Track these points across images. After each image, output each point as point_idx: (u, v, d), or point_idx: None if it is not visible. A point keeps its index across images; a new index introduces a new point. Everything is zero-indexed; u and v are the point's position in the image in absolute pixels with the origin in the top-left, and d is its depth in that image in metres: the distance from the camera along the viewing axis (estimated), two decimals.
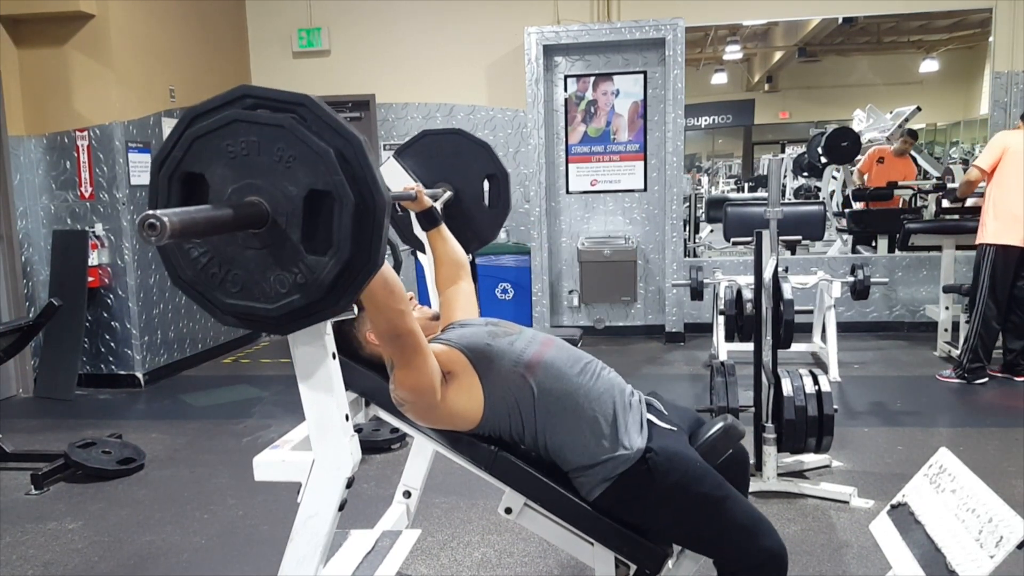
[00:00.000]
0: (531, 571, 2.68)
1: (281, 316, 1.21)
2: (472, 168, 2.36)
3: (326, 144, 1.14)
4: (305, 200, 1.15)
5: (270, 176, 1.16)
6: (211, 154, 1.18)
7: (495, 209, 2.37)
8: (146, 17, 5.39)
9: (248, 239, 1.18)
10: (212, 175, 1.19)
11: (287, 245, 1.17)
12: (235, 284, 1.21)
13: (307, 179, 1.14)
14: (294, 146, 1.15)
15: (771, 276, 3.10)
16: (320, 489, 1.58)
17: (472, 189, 2.36)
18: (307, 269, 1.17)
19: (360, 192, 1.14)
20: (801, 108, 9.94)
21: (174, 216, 1.01)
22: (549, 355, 1.73)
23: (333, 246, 1.15)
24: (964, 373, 4.69)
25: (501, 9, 6.42)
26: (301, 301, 1.19)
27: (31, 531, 3.10)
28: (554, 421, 1.67)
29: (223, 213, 1.11)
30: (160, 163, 1.22)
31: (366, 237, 1.15)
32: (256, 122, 1.16)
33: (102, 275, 5.14)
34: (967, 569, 1.48)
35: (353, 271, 1.16)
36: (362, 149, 1.15)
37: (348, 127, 1.17)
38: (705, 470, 1.69)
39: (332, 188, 1.14)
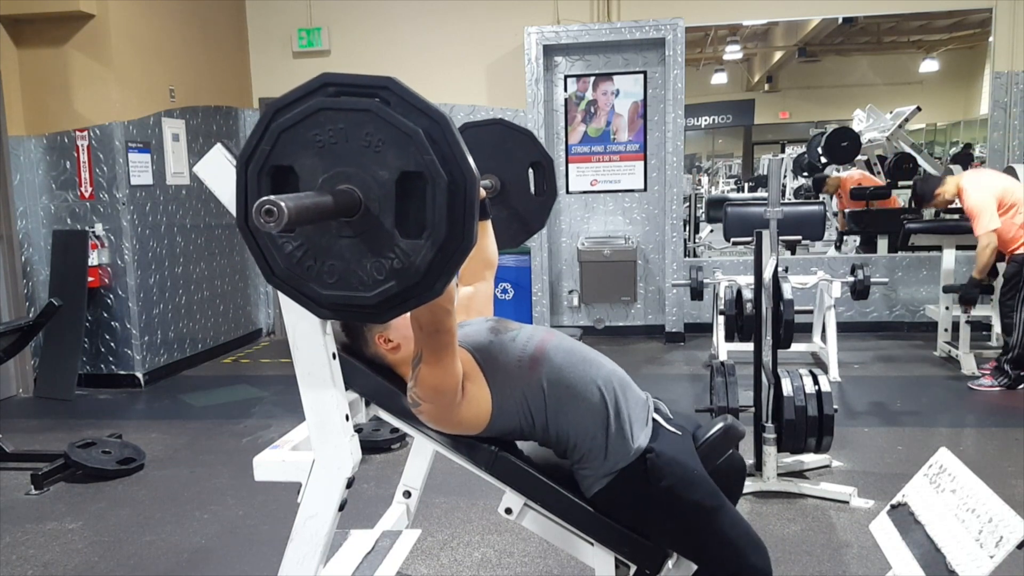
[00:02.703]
0: (531, 571, 2.68)
1: (379, 303, 1.19)
2: (516, 157, 2.35)
3: (414, 124, 1.13)
4: (396, 183, 1.14)
5: (360, 162, 1.14)
6: (299, 145, 1.17)
7: (542, 196, 2.36)
8: (146, 17, 5.39)
9: (341, 227, 1.16)
10: (301, 166, 1.18)
11: (381, 231, 1.15)
12: (331, 275, 1.19)
13: (398, 162, 1.13)
14: (382, 129, 1.13)
15: (771, 276, 3.11)
16: (320, 489, 1.58)
17: (518, 178, 2.35)
18: (403, 253, 1.15)
19: (450, 171, 1.13)
20: (801, 108, 9.95)
21: (289, 201, 1.00)
22: (552, 345, 1.72)
23: (428, 228, 1.13)
24: (1011, 381, 4.58)
25: (501, 9, 6.42)
26: (398, 286, 1.17)
27: (31, 531, 3.10)
28: (564, 410, 1.67)
29: (325, 199, 1.10)
30: (247, 158, 1.20)
31: (459, 216, 1.13)
32: (342, 108, 1.15)
33: (102, 275, 5.14)
34: (967, 569, 1.48)
35: (448, 252, 1.14)
36: (450, 127, 1.14)
37: (434, 106, 1.15)
38: (701, 478, 1.68)
39: (424, 168, 1.12)
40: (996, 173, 4.90)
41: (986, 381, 4.67)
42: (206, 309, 6.04)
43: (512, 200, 2.35)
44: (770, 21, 7.40)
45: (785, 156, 9.50)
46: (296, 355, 1.54)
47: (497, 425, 1.68)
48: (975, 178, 4.68)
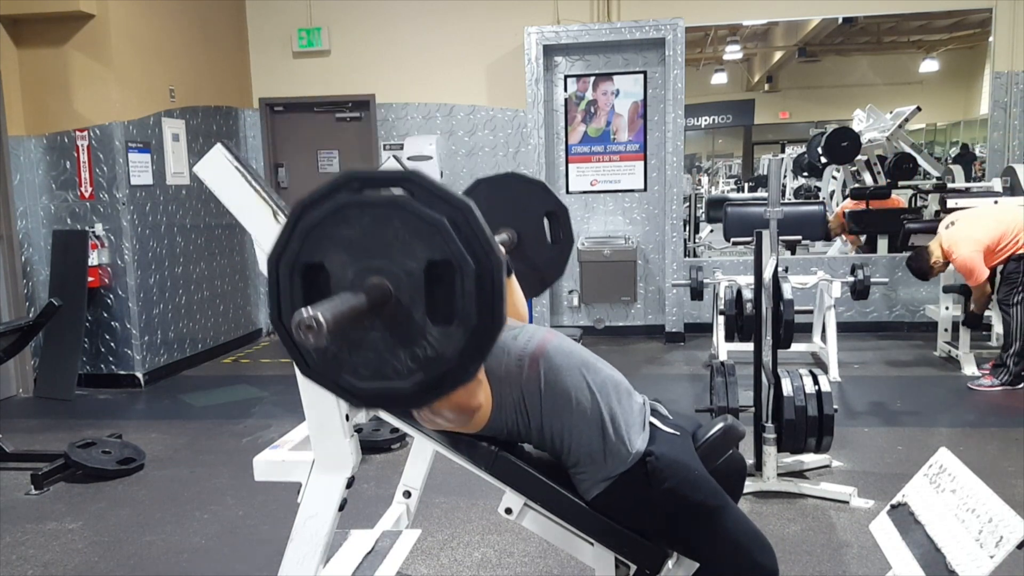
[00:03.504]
0: (531, 571, 2.68)
1: (415, 392, 1.20)
2: (531, 208, 2.37)
3: (439, 214, 1.15)
4: (425, 272, 1.16)
5: (388, 254, 1.16)
6: (328, 242, 1.19)
7: (559, 244, 2.38)
8: (146, 17, 5.39)
9: (373, 321, 1.18)
10: (331, 262, 1.19)
11: (413, 320, 1.17)
12: (366, 367, 1.20)
13: (425, 252, 1.15)
14: (408, 222, 1.15)
15: (771, 276, 3.11)
16: (320, 489, 1.58)
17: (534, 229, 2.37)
18: (435, 341, 1.17)
19: (477, 256, 1.15)
20: (801, 108, 9.93)
21: (326, 312, 1.01)
22: (553, 346, 1.72)
23: (458, 315, 1.15)
24: (1012, 378, 4.58)
25: (501, 9, 6.42)
26: (433, 374, 1.18)
27: (31, 531, 3.10)
28: (558, 413, 1.67)
29: (359, 301, 1.12)
30: (278, 257, 1.22)
31: (487, 300, 1.15)
32: (368, 204, 1.17)
33: (102, 275, 5.14)
34: (967, 569, 1.48)
35: (479, 336, 1.16)
36: (473, 214, 1.16)
37: (457, 195, 1.17)
38: (703, 478, 1.68)
39: (451, 257, 1.14)
40: (973, 213, 4.79)
41: (986, 381, 4.67)
42: (206, 309, 6.04)
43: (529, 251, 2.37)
44: (770, 21, 7.39)
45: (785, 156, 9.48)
46: None
47: (496, 424, 1.68)
48: (956, 233, 4.64)
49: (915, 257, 4.87)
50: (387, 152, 6.40)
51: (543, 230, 2.37)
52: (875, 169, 7.32)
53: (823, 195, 8.10)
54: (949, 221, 4.78)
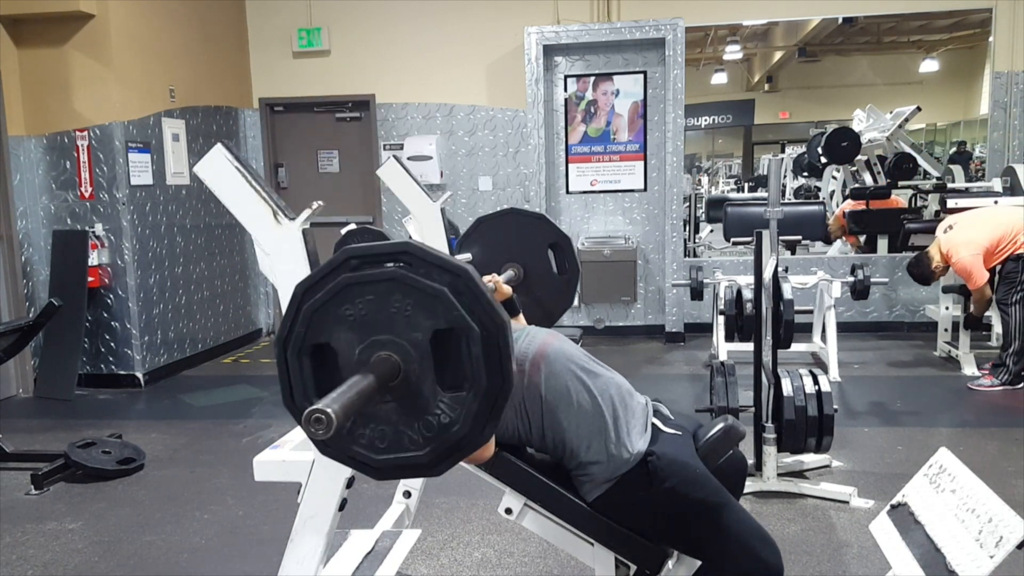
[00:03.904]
0: (531, 571, 2.68)
1: (434, 459, 1.22)
2: (534, 241, 2.40)
3: (438, 284, 1.16)
4: (431, 342, 1.17)
5: (393, 328, 1.18)
6: (332, 322, 1.20)
7: (565, 275, 2.40)
8: (146, 17, 5.39)
9: (384, 394, 1.19)
10: (337, 341, 1.21)
11: (424, 390, 1.19)
12: (382, 440, 1.22)
13: (429, 322, 1.16)
14: (409, 294, 1.16)
15: (771, 276, 3.11)
16: (320, 489, 1.58)
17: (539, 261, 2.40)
18: (448, 408, 1.18)
19: (481, 320, 1.16)
20: (801, 108, 9.93)
21: (335, 404, 1.02)
22: (553, 349, 1.72)
23: (468, 379, 1.17)
24: (1012, 377, 4.58)
25: (501, 9, 6.41)
26: (451, 440, 1.20)
27: (31, 531, 3.10)
28: (560, 416, 1.67)
29: (368, 382, 1.13)
30: (284, 342, 1.23)
31: (495, 362, 1.16)
32: (368, 281, 1.18)
33: (102, 275, 5.14)
34: (967, 569, 1.48)
35: (491, 398, 1.18)
36: (472, 280, 1.17)
37: (454, 261, 1.19)
38: (705, 477, 1.68)
39: (455, 324, 1.15)
40: (975, 218, 4.78)
41: (986, 381, 4.67)
42: (206, 309, 6.04)
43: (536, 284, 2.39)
44: (770, 21, 7.39)
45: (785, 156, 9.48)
46: None
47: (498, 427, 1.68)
48: (955, 237, 4.64)
49: (915, 263, 4.88)
50: (387, 152, 6.40)
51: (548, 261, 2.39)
52: (875, 169, 7.32)
53: (823, 195, 8.10)
54: (947, 225, 4.78)
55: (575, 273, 2.41)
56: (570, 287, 2.42)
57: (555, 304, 2.43)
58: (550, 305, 2.41)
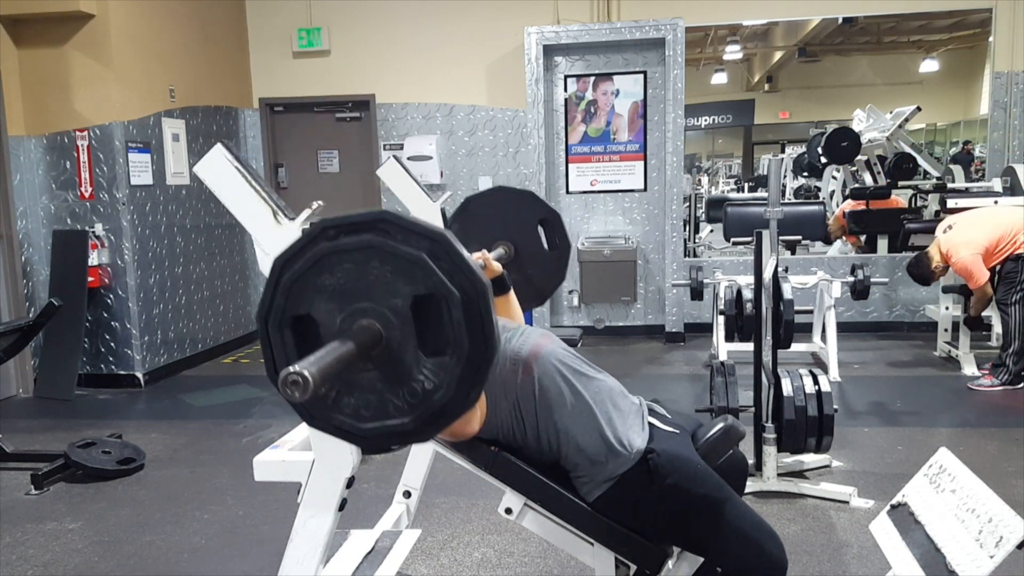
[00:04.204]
0: (531, 571, 2.68)
1: (419, 426, 1.21)
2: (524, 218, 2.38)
3: (416, 249, 1.16)
4: (412, 308, 1.17)
5: (372, 296, 1.18)
6: (312, 292, 1.20)
7: (556, 251, 2.39)
8: (146, 17, 5.39)
9: (367, 362, 1.19)
10: (318, 312, 1.21)
11: (406, 356, 1.18)
12: (367, 408, 1.22)
13: (408, 288, 1.16)
14: (387, 261, 1.16)
15: (771, 276, 3.11)
16: (320, 489, 1.58)
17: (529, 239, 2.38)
18: (432, 374, 1.18)
19: (461, 285, 1.15)
20: (801, 108, 9.93)
21: (312, 367, 1.02)
22: (547, 351, 1.72)
23: (450, 344, 1.16)
24: (1012, 377, 4.58)
25: (501, 9, 6.42)
26: (435, 405, 1.19)
27: (31, 531, 3.10)
28: (554, 416, 1.67)
29: (347, 348, 1.13)
30: (265, 315, 1.23)
31: (477, 326, 1.16)
32: (345, 249, 1.18)
33: (102, 275, 5.14)
34: (967, 569, 1.48)
35: (475, 363, 1.17)
36: (450, 244, 1.17)
37: (431, 226, 1.18)
38: (706, 472, 1.68)
39: (434, 289, 1.15)
40: (974, 218, 4.79)
41: (986, 381, 4.67)
42: (206, 309, 6.04)
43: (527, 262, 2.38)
44: (770, 21, 7.39)
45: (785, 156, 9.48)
46: None
47: (491, 427, 1.68)
48: (955, 236, 4.64)
49: (915, 263, 4.87)
50: (387, 152, 6.40)
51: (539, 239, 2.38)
52: (875, 169, 7.32)
53: (823, 195, 8.09)
54: (947, 225, 4.78)
55: (566, 249, 2.40)
56: (561, 263, 2.41)
57: (546, 281, 2.42)
58: (541, 282, 2.40)
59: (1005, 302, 4.60)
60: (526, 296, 2.30)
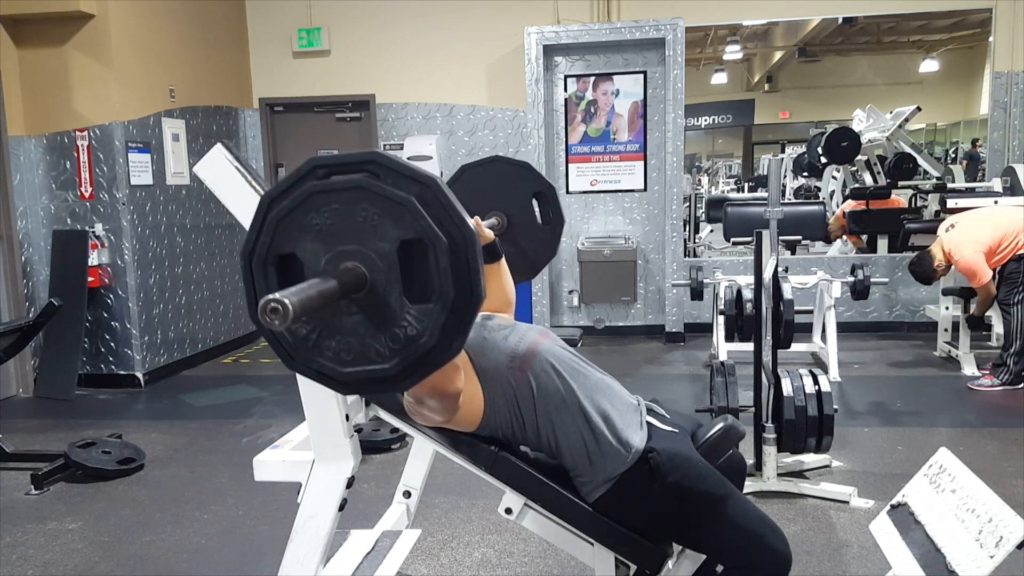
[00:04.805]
0: (531, 571, 2.68)
1: (399, 372, 1.20)
2: (519, 190, 2.37)
3: (406, 192, 1.15)
4: (398, 252, 1.16)
5: (359, 238, 1.16)
6: (297, 231, 1.19)
7: (549, 225, 2.38)
8: (146, 17, 5.39)
9: (351, 305, 1.18)
10: (303, 251, 1.19)
11: (391, 301, 1.17)
12: (348, 352, 1.20)
13: (396, 232, 1.15)
14: (376, 203, 1.15)
15: (771, 276, 3.11)
16: (320, 489, 1.58)
17: (523, 211, 2.37)
18: (415, 320, 1.17)
19: (448, 231, 1.15)
20: (801, 108, 9.93)
21: (293, 296, 1.01)
22: (544, 348, 1.72)
23: (435, 291, 1.15)
24: (1012, 377, 4.58)
25: (501, 9, 6.42)
26: (417, 352, 1.18)
27: (31, 531, 3.10)
28: (551, 415, 1.67)
29: (330, 285, 1.12)
30: (249, 253, 1.22)
31: (464, 274, 1.15)
32: (333, 189, 1.17)
33: (102, 275, 5.14)
34: (967, 569, 1.48)
35: (459, 311, 1.16)
36: (440, 189, 1.16)
37: (422, 171, 1.17)
38: (707, 469, 1.68)
39: (422, 234, 1.14)
40: (973, 215, 4.80)
41: (986, 381, 4.67)
42: (206, 309, 6.04)
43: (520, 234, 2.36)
44: (770, 21, 7.39)
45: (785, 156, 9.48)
46: None
47: (490, 423, 1.68)
48: (957, 235, 4.64)
49: (917, 262, 4.87)
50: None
51: (532, 211, 2.37)
52: (875, 169, 7.32)
53: (823, 195, 8.10)
54: (949, 224, 4.77)
55: (559, 223, 2.39)
56: (554, 237, 2.40)
57: (539, 254, 2.41)
58: (534, 255, 2.39)
59: (1007, 302, 4.60)
60: (519, 269, 2.29)
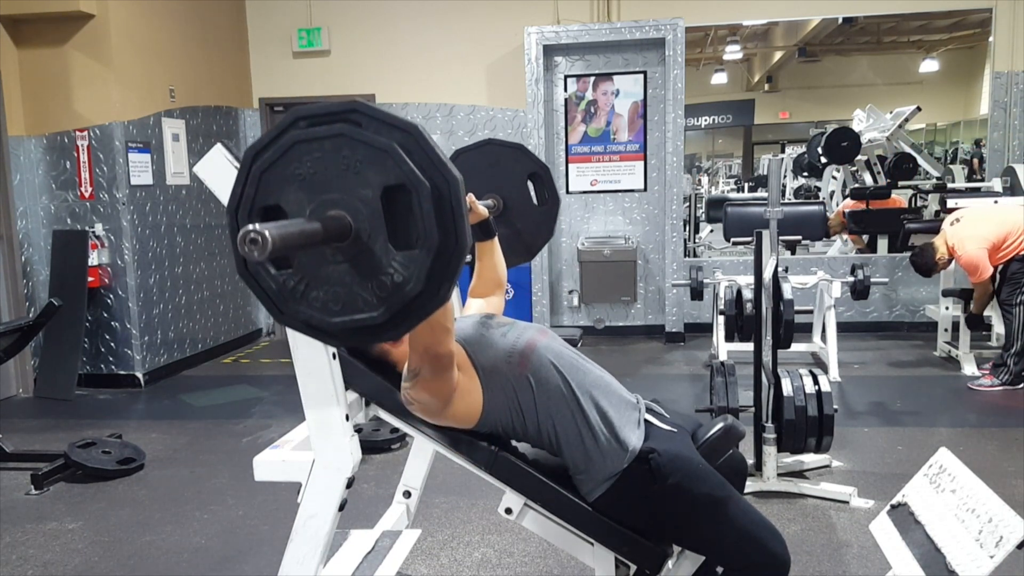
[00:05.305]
0: (531, 571, 2.68)
1: (387, 320, 1.20)
2: (514, 172, 2.37)
3: (387, 139, 1.16)
4: (382, 199, 1.16)
5: (342, 186, 1.17)
6: (282, 182, 1.20)
7: (545, 205, 2.38)
8: (146, 17, 5.39)
9: (336, 254, 1.19)
10: (287, 202, 1.20)
11: (376, 249, 1.17)
12: (336, 302, 1.21)
13: (378, 178, 1.15)
14: (358, 150, 1.16)
15: (771, 276, 3.11)
16: (320, 489, 1.58)
17: (519, 193, 2.37)
18: (401, 266, 1.17)
19: (431, 177, 1.15)
20: (801, 108, 9.94)
21: (273, 229, 1.02)
22: (542, 344, 1.73)
23: (420, 237, 1.15)
24: (1012, 378, 4.57)
25: (501, 9, 6.42)
26: (404, 299, 1.18)
27: (31, 531, 3.10)
28: (550, 411, 1.67)
29: (313, 227, 1.13)
30: (235, 206, 1.23)
31: (448, 220, 1.15)
32: (316, 138, 1.18)
33: (102, 275, 5.14)
34: (967, 569, 1.48)
35: (445, 257, 1.16)
36: (422, 135, 1.17)
37: (403, 119, 1.19)
38: (708, 471, 1.68)
39: (405, 179, 1.14)
40: (978, 210, 4.81)
41: (986, 381, 4.67)
42: (206, 309, 6.04)
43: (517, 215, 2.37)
44: (770, 21, 7.40)
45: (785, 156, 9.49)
46: (296, 355, 1.54)
47: (490, 419, 1.68)
48: (961, 230, 4.65)
49: (919, 254, 4.87)
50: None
51: (528, 193, 2.38)
52: (875, 169, 7.32)
53: (823, 195, 8.10)
54: (954, 218, 4.78)
55: (555, 204, 2.40)
56: (550, 218, 2.41)
57: (536, 236, 2.41)
58: (530, 237, 2.40)
59: (1009, 303, 4.60)
60: (516, 250, 2.30)
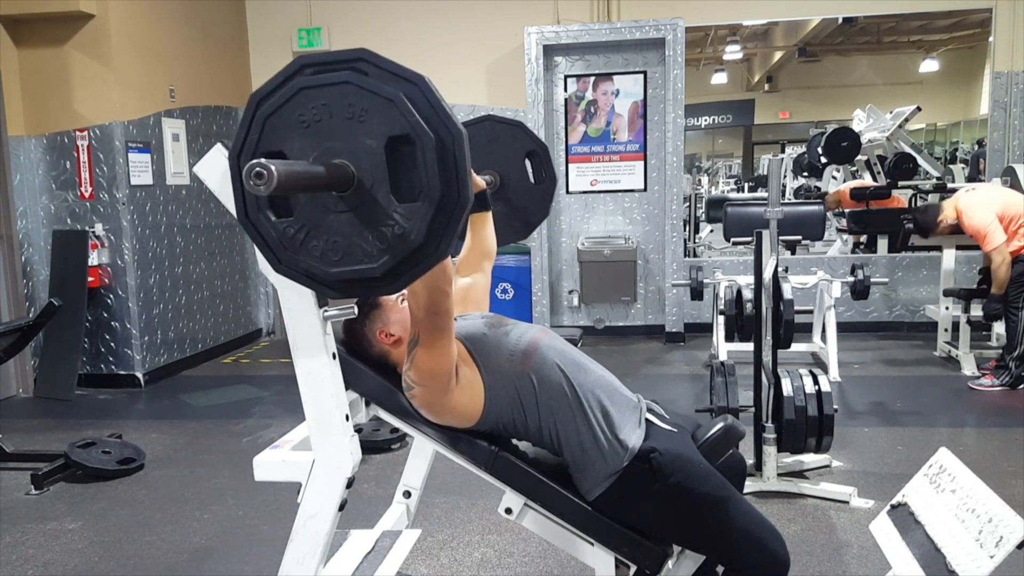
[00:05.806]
0: (531, 571, 2.68)
1: (386, 273, 1.19)
2: (512, 149, 2.37)
3: (394, 88, 1.15)
4: (386, 149, 1.15)
5: (347, 134, 1.16)
6: (286, 128, 1.19)
7: (542, 184, 2.38)
8: (146, 17, 5.39)
9: (338, 203, 1.18)
10: (291, 149, 1.19)
11: (378, 199, 1.16)
12: (335, 252, 1.20)
13: (383, 127, 1.14)
14: (363, 99, 1.15)
15: (771, 276, 3.10)
16: (320, 489, 1.58)
17: (516, 170, 2.37)
18: (402, 218, 1.16)
19: (436, 129, 1.14)
20: (801, 108, 9.95)
21: (280, 166, 1.01)
22: (545, 344, 1.73)
23: (422, 189, 1.14)
24: (1013, 379, 4.57)
25: (501, 9, 6.42)
26: (403, 252, 1.17)
27: (31, 531, 3.10)
28: (552, 409, 1.68)
29: (317, 170, 1.12)
30: (238, 151, 1.21)
31: (451, 172, 1.14)
32: (322, 84, 1.16)
33: (102, 275, 5.14)
34: (967, 569, 1.48)
35: (446, 210, 1.15)
36: (428, 87, 1.16)
37: (410, 70, 1.17)
38: (708, 471, 1.69)
39: (410, 130, 1.13)
40: (992, 187, 4.89)
41: (986, 381, 4.67)
42: (206, 309, 6.04)
43: (514, 193, 2.37)
44: (770, 21, 7.40)
45: (785, 156, 9.49)
46: (296, 355, 1.54)
47: (491, 417, 1.68)
48: (972, 198, 4.65)
49: (923, 210, 4.85)
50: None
51: (526, 171, 2.38)
52: (875, 169, 7.32)
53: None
54: (969, 188, 4.78)
55: (552, 182, 2.40)
56: (547, 196, 2.41)
57: (533, 213, 2.42)
58: (527, 214, 2.40)
59: (1014, 305, 4.59)
60: (513, 228, 2.30)
